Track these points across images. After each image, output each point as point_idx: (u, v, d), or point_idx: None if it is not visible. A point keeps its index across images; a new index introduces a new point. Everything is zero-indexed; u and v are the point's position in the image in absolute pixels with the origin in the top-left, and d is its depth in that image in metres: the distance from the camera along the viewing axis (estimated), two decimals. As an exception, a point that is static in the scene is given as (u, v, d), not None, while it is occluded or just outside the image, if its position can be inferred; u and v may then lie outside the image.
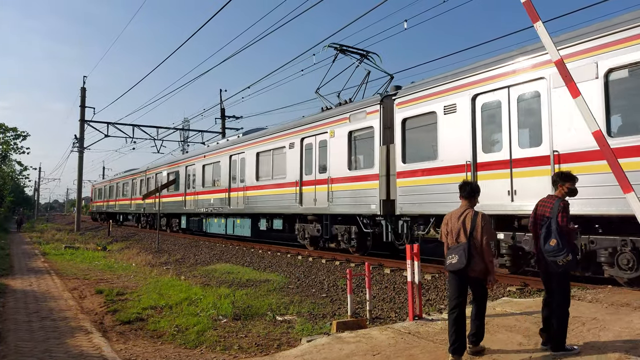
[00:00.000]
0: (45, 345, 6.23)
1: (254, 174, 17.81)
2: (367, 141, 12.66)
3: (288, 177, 15.57)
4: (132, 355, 6.05)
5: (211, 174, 21.93)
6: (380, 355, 5.02)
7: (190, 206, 23.73)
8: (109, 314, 8.52)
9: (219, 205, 20.54)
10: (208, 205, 21.58)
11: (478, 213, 4.75)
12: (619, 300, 6.93)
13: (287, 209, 15.62)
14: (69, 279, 12.50)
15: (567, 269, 4.68)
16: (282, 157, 16.06)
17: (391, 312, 7.96)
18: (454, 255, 4.67)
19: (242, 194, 18.54)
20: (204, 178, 22.63)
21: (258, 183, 17.52)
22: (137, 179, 33.86)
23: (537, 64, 8.63)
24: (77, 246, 22.06)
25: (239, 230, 19.40)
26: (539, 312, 6.40)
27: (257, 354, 5.94)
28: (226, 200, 19.87)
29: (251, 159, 18.08)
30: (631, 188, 5.34)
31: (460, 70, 10.30)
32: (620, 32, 7.49)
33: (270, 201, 16.60)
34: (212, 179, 21.84)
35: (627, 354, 4.62)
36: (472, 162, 9.69)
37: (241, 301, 8.72)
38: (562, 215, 4.69)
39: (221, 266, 14.32)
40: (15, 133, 36.98)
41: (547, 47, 6.07)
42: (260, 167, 17.62)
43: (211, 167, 21.92)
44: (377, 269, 11.71)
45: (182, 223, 25.66)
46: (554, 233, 4.67)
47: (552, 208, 4.80)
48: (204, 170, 22.62)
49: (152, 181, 30.33)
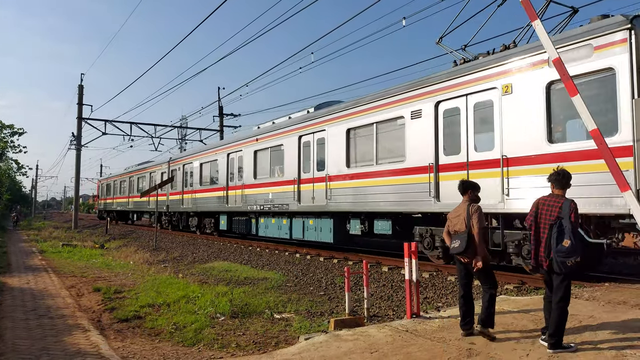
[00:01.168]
0: (42, 343, 6.22)
1: (342, 159, 13.25)
2: (598, 95, 7.89)
3: (410, 159, 11.13)
4: (129, 353, 6.05)
5: (267, 162, 17.16)
6: (377, 353, 5.03)
7: (236, 203, 19.08)
8: (106, 311, 8.51)
9: (282, 202, 15.96)
10: (264, 202, 16.91)
11: (470, 204, 5.43)
12: (615, 298, 6.96)
13: (411, 205, 11.10)
14: (66, 276, 12.47)
15: (572, 270, 4.66)
16: (397, 133, 11.70)
17: (389, 310, 7.98)
18: (457, 240, 5.37)
19: (321, 186, 13.99)
20: (255, 168, 17.81)
21: (349, 170, 13.06)
22: (157, 171, 29.15)
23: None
24: (74, 244, 22.01)
25: (312, 234, 14.95)
26: (536, 310, 6.43)
27: (255, 351, 5.94)
28: (294, 194, 15.25)
29: (337, 140, 13.48)
30: (628, 186, 5.36)
31: None
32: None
33: (375, 194, 12.13)
34: (268, 169, 17.11)
35: (624, 352, 4.64)
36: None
37: (239, 299, 8.72)
38: (576, 215, 4.67)
39: (219, 264, 14.31)
40: (12, 130, 36.88)
41: (545, 45, 6.08)
42: (355, 149, 13.10)
43: (267, 153, 17.13)
44: (375, 267, 11.73)
45: (222, 223, 21.06)
46: (568, 233, 4.62)
47: (561, 208, 4.74)
48: (256, 158, 17.80)
49: (180, 174, 25.26)
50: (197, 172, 22.95)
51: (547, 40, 6.03)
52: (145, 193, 24.38)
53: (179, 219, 26.51)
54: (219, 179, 20.65)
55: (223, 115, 35.76)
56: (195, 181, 23.05)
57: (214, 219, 22.10)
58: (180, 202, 24.71)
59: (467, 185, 5.64)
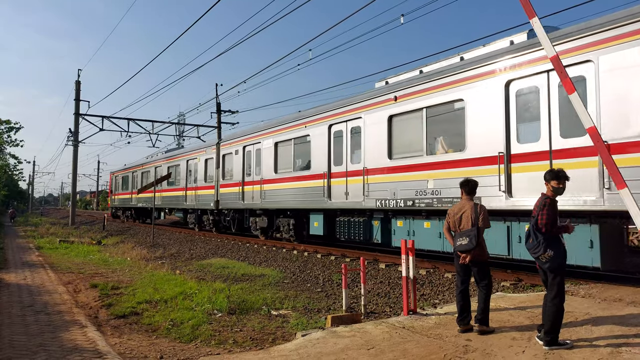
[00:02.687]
0: (39, 340, 6.22)
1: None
2: None
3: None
4: (126, 350, 6.05)
5: (418, 133, 11.01)
6: (374, 349, 5.04)
7: (348, 196, 13.05)
8: (103, 308, 8.51)
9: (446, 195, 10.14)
10: (416, 194, 10.82)
11: (477, 204, 5.59)
12: (611, 296, 6.99)
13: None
14: (63, 273, 12.46)
15: (553, 264, 4.74)
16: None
17: (386, 306, 8.00)
18: (465, 237, 5.45)
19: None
20: (391, 143, 11.72)
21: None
22: (200, 157, 22.37)
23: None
24: (71, 240, 21.96)
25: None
26: (532, 307, 6.46)
27: (252, 348, 5.94)
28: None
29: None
30: (624, 184, 5.37)
31: None
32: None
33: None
34: (423, 143, 10.88)
35: (620, 349, 4.66)
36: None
37: (236, 296, 8.73)
38: (543, 213, 4.77)
39: (216, 261, 14.31)
40: (8, 125, 36.77)
41: (542, 43, 6.07)
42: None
43: (405, 123, 11.40)
44: (372, 264, 11.75)
45: (314, 226, 14.87)
46: (531, 229, 4.86)
47: (538, 206, 4.92)
48: (392, 128, 11.70)
49: (236, 158, 18.95)
50: (270, 154, 16.82)
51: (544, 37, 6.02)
52: (144, 189, 21.95)
53: (233, 219, 20.38)
54: (315, 164, 14.44)
55: (221, 111, 35.67)
56: (267, 167, 16.92)
57: (295, 219, 16.27)
58: (239, 197, 18.79)
59: (474, 184, 5.82)
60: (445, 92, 10.22)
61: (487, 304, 5.45)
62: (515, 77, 8.94)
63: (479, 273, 5.51)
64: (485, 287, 5.46)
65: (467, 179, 5.90)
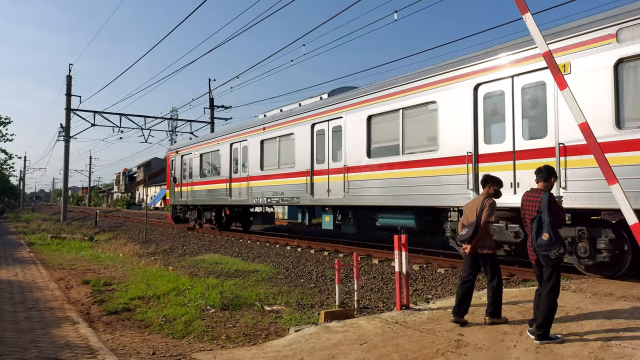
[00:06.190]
0: (30, 336, 6.17)
1: None
2: None
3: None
4: (119, 346, 6.02)
5: None
6: (367, 344, 5.06)
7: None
8: (95, 304, 8.46)
9: None
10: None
11: (487, 198, 5.66)
12: (602, 290, 7.05)
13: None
14: (55, 269, 12.37)
15: (557, 262, 4.74)
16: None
17: (379, 302, 8.02)
18: (465, 229, 5.60)
19: None
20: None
21: None
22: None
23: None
24: (63, 236, 21.81)
25: None
26: (524, 301, 6.50)
27: (245, 343, 5.94)
28: None
29: None
30: (616, 179, 5.40)
31: None
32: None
33: None
34: None
35: (610, 343, 4.71)
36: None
37: (229, 291, 8.72)
38: (558, 208, 4.75)
39: (209, 257, 14.27)
40: (-2, 120, 36.40)
41: (535, 39, 6.08)
42: None
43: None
44: (366, 259, 11.77)
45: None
46: (546, 227, 4.70)
47: (540, 202, 4.83)
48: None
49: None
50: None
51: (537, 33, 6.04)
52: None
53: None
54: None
55: (214, 107, 35.55)
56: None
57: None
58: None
59: (487, 178, 5.83)
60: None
61: (496, 298, 5.52)
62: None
63: (485, 267, 5.62)
64: (492, 282, 5.56)
65: (484, 174, 6.08)
